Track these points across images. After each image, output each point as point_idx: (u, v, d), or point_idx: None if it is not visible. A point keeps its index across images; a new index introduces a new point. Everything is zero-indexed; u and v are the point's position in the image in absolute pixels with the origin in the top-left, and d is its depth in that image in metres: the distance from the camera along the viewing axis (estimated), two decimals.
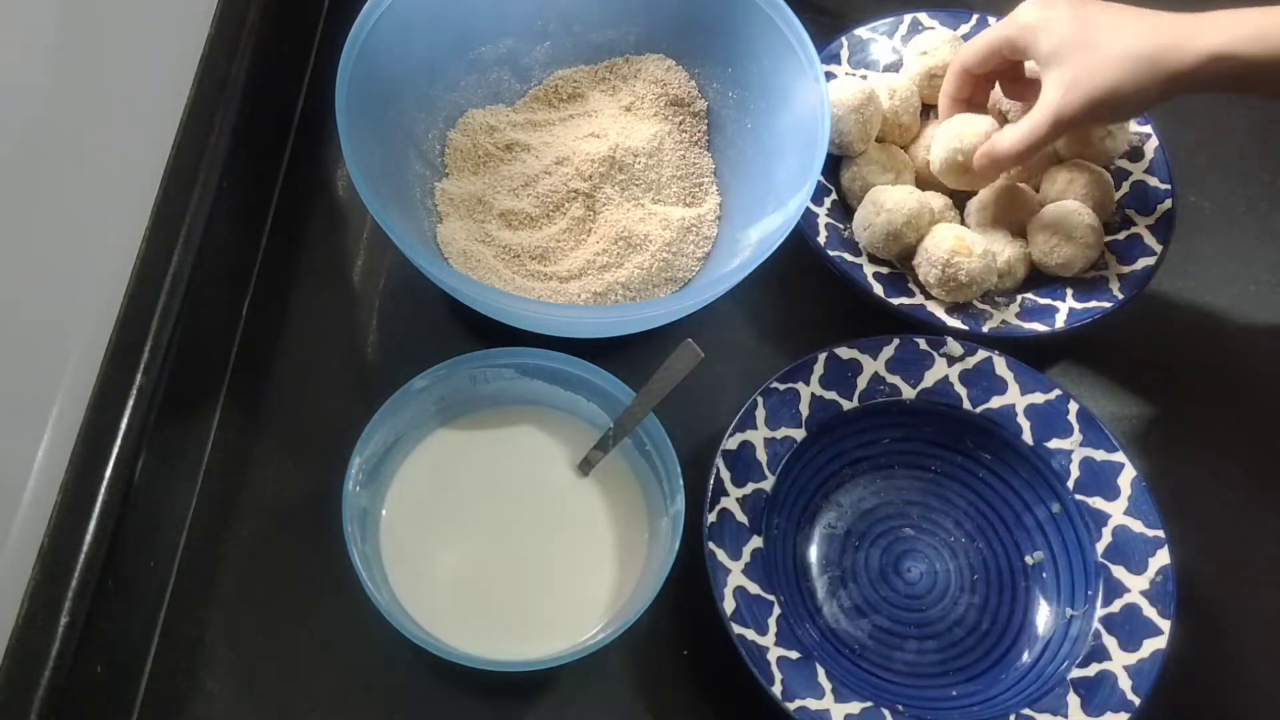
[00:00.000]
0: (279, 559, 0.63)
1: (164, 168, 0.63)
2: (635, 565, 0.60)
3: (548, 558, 0.61)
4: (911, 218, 0.70)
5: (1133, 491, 0.63)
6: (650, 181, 0.73)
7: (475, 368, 0.61)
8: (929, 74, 0.76)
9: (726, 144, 0.76)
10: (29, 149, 0.52)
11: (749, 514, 0.62)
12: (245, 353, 0.69)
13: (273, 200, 0.75)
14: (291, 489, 0.65)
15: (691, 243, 0.72)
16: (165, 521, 0.62)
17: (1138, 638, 0.59)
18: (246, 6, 0.71)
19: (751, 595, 0.59)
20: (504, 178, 0.73)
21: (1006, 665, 0.62)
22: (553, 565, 0.60)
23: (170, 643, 0.60)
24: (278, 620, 0.61)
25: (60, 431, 0.54)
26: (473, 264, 0.69)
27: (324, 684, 0.60)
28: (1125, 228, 0.73)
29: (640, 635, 0.56)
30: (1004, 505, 0.66)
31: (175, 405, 0.60)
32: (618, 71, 0.78)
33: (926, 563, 0.65)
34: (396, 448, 0.61)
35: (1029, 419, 0.65)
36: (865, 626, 0.63)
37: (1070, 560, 0.63)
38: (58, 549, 0.53)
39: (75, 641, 0.52)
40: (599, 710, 0.60)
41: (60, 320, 0.56)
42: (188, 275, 0.61)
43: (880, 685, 0.60)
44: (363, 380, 0.69)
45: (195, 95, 0.66)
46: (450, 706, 0.59)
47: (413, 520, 0.61)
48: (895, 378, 0.66)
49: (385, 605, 0.54)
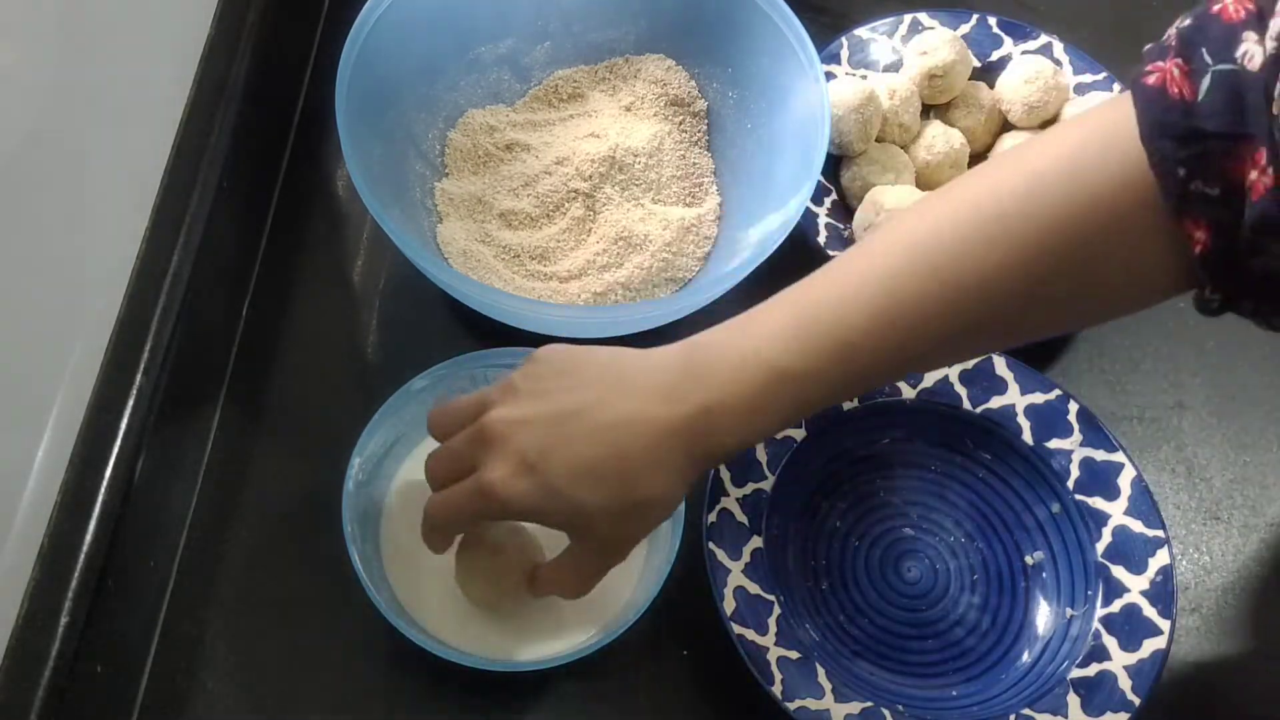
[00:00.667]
0: (279, 559, 0.63)
1: (164, 168, 0.63)
2: (635, 565, 0.60)
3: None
4: None
5: (1133, 491, 0.63)
6: (650, 181, 0.73)
7: (475, 368, 0.61)
8: (929, 74, 0.76)
9: (726, 144, 0.76)
10: (29, 149, 0.52)
11: (749, 514, 0.62)
12: (245, 353, 0.69)
13: (273, 200, 0.75)
14: (291, 489, 0.65)
15: (691, 243, 0.72)
16: (165, 521, 0.62)
17: (1138, 638, 0.59)
18: (246, 6, 0.71)
19: (751, 595, 0.59)
20: (504, 178, 0.73)
21: (1006, 665, 0.62)
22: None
23: (170, 643, 0.60)
24: (278, 620, 0.61)
25: (60, 431, 0.54)
26: (473, 264, 0.69)
27: (324, 684, 0.59)
28: None
29: (640, 635, 0.56)
30: (1004, 505, 0.66)
31: (175, 405, 0.60)
32: (617, 71, 0.78)
33: (926, 563, 0.65)
34: (396, 448, 0.61)
35: (1029, 419, 0.65)
36: (865, 626, 0.63)
37: (1070, 560, 0.63)
38: (58, 549, 0.53)
39: (75, 641, 0.52)
40: (599, 710, 0.60)
41: (60, 320, 0.56)
42: (188, 275, 0.61)
43: (880, 685, 0.60)
44: (363, 380, 0.69)
45: (195, 95, 0.66)
46: (450, 706, 0.59)
47: (413, 520, 0.60)
48: None
49: (385, 605, 0.54)
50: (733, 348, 0.49)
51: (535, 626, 0.58)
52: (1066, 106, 0.76)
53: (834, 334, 0.47)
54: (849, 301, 0.47)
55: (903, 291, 0.46)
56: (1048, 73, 0.76)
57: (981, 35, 0.80)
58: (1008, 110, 0.77)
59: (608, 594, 0.59)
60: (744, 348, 0.48)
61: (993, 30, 0.80)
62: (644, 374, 0.49)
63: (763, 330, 0.48)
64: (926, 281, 0.46)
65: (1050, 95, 0.76)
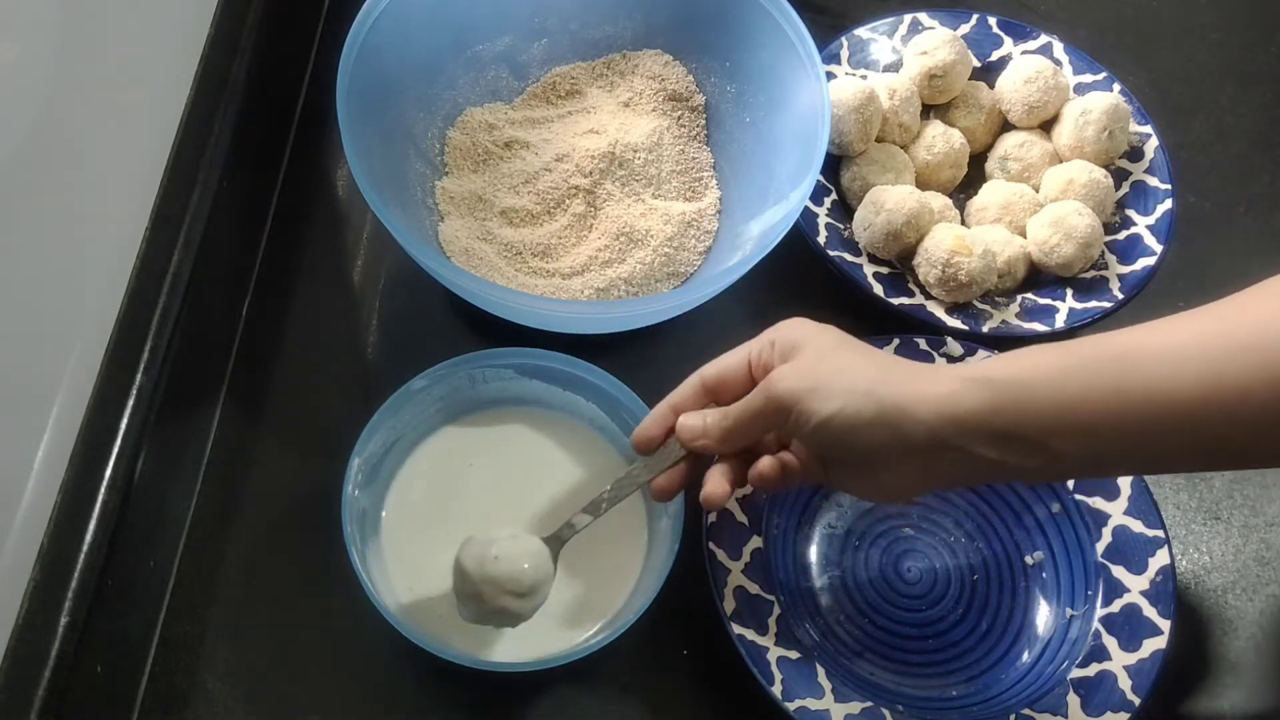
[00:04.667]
0: (279, 559, 0.63)
1: (164, 168, 0.63)
2: (635, 565, 0.60)
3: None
4: (911, 218, 0.70)
5: (1133, 491, 0.63)
6: (650, 177, 0.73)
7: (475, 368, 0.61)
8: (929, 74, 0.76)
9: (726, 139, 0.76)
10: (29, 149, 0.52)
11: (749, 514, 0.62)
12: (245, 353, 0.69)
13: (273, 200, 0.75)
14: (292, 489, 0.65)
15: (693, 237, 0.72)
16: (165, 521, 0.62)
17: (1138, 638, 0.59)
18: (246, 6, 0.71)
19: (751, 595, 0.59)
20: (504, 175, 0.73)
21: (1006, 665, 0.62)
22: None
23: (170, 643, 0.60)
24: (278, 620, 0.61)
25: (60, 431, 0.54)
26: (475, 262, 0.69)
27: (324, 684, 0.60)
28: (1125, 228, 0.73)
29: (640, 635, 0.56)
30: (1004, 505, 0.66)
31: (175, 405, 0.60)
32: (615, 67, 0.78)
33: (926, 563, 0.65)
34: (396, 448, 0.61)
35: None
36: (865, 626, 0.63)
37: (1070, 560, 0.63)
38: (58, 549, 0.53)
39: (75, 641, 0.52)
40: (599, 710, 0.60)
41: (60, 320, 0.56)
42: (188, 275, 0.61)
43: (880, 685, 0.60)
44: (363, 380, 0.69)
45: (195, 95, 0.66)
46: (450, 706, 0.59)
47: (413, 520, 0.61)
48: None
49: (385, 605, 0.54)
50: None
51: (535, 626, 0.58)
52: (1066, 106, 0.76)
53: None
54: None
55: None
56: (1048, 73, 0.76)
57: (981, 35, 0.80)
58: (1008, 110, 0.77)
59: (607, 594, 0.59)
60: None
61: (993, 30, 0.80)
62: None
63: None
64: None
65: (1050, 95, 0.76)
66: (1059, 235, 0.70)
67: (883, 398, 0.48)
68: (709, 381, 0.55)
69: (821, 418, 0.48)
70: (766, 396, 0.51)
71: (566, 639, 0.57)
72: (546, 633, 0.58)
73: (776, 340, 0.52)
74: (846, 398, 0.48)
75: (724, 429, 0.53)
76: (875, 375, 0.49)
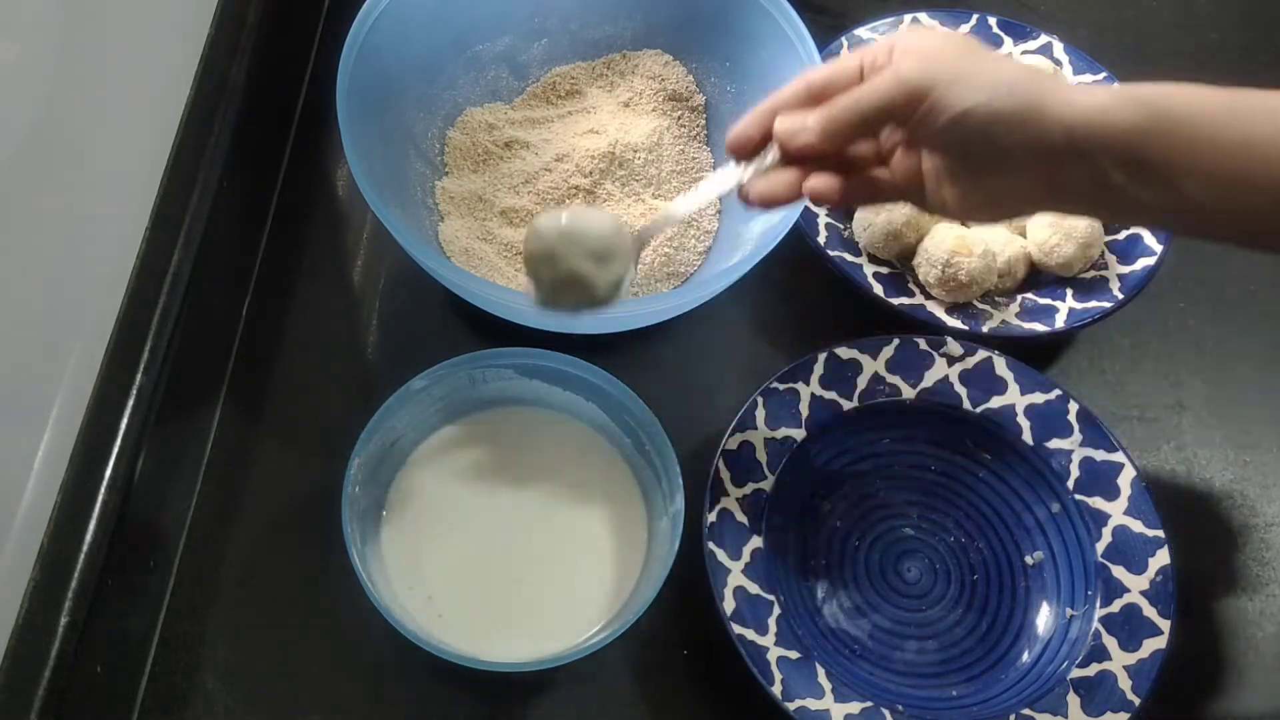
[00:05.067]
0: (279, 559, 0.63)
1: (164, 168, 0.63)
2: (635, 565, 0.60)
3: (547, 558, 0.61)
4: (911, 218, 0.70)
5: (1133, 491, 0.63)
6: (650, 176, 0.73)
7: (475, 368, 0.61)
8: None
9: None
10: (29, 149, 0.52)
11: (749, 514, 0.62)
12: (245, 353, 0.69)
13: (273, 200, 0.75)
14: (292, 489, 0.65)
15: (693, 237, 0.72)
16: (165, 521, 0.62)
17: (1138, 638, 0.59)
18: (246, 6, 0.71)
19: (751, 595, 0.59)
20: (504, 175, 0.73)
21: (1006, 665, 0.62)
22: (552, 565, 0.60)
23: (170, 643, 0.60)
24: (278, 620, 0.61)
25: (60, 431, 0.54)
26: (475, 262, 0.69)
27: (324, 684, 0.60)
28: (1125, 228, 0.73)
29: (640, 635, 0.56)
30: (1004, 505, 0.66)
31: (175, 405, 0.60)
32: (615, 67, 0.78)
33: (926, 563, 0.65)
34: (396, 448, 0.61)
35: (1029, 419, 0.65)
36: (865, 626, 0.63)
37: (1070, 560, 0.63)
38: (58, 549, 0.53)
39: (75, 641, 0.52)
40: (599, 710, 0.60)
41: (60, 320, 0.56)
42: (188, 275, 0.61)
43: (880, 685, 0.60)
44: (363, 380, 0.69)
45: (195, 95, 0.66)
46: (450, 706, 0.59)
47: (412, 520, 0.61)
48: (895, 378, 0.66)
49: (385, 605, 0.54)
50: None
51: (535, 626, 0.58)
52: None
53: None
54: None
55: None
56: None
57: (981, 35, 0.80)
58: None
59: (607, 594, 0.59)
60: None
61: (993, 30, 0.80)
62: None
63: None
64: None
65: None
66: (1059, 235, 0.70)
67: (1029, 94, 0.45)
68: (815, 85, 0.49)
69: (961, 109, 0.45)
70: (898, 81, 0.46)
71: (566, 639, 0.57)
72: (547, 632, 0.58)
73: (898, 44, 0.48)
74: (992, 91, 0.45)
75: (831, 118, 0.48)
76: (1020, 74, 0.46)
